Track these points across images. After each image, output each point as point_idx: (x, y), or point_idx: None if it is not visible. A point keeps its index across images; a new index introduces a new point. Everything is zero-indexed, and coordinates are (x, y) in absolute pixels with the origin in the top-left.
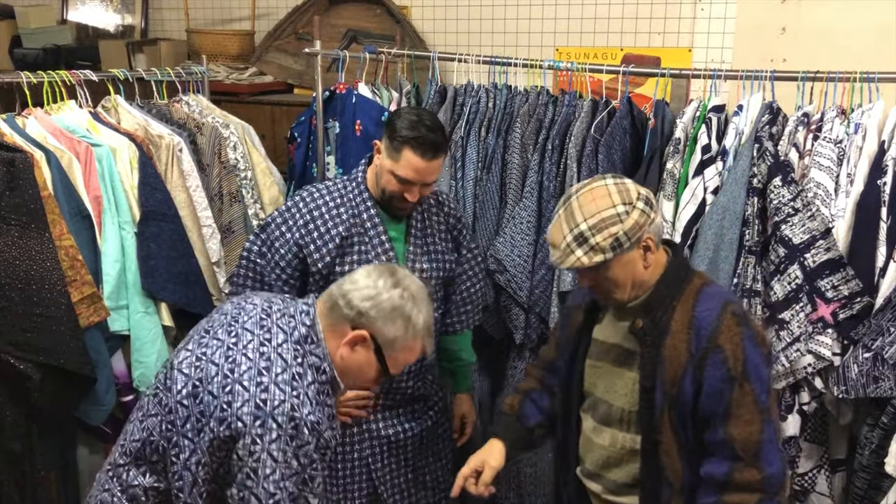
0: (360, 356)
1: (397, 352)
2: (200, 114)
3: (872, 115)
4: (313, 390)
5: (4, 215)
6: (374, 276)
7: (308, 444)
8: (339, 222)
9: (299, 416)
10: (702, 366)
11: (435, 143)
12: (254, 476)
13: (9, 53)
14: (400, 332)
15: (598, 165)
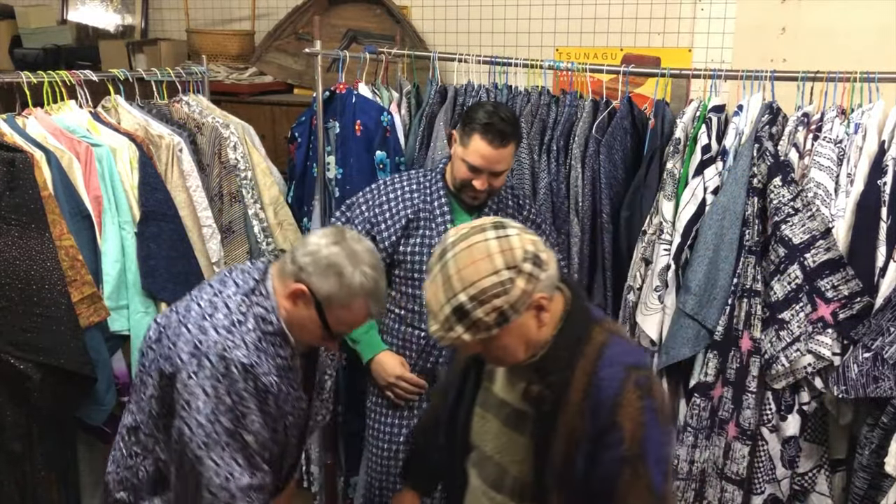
0: (301, 311)
1: (334, 309)
2: (200, 114)
3: (872, 115)
4: (252, 337)
5: (4, 215)
6: (320, 234)
7: (238, 383)
8: (410, 205)
9: (230, 357)
10: (598, 444)
11: (503, 131)
12: (187, 408)
13: (9, 53)
14: (334, 289)
15: (599, 165)
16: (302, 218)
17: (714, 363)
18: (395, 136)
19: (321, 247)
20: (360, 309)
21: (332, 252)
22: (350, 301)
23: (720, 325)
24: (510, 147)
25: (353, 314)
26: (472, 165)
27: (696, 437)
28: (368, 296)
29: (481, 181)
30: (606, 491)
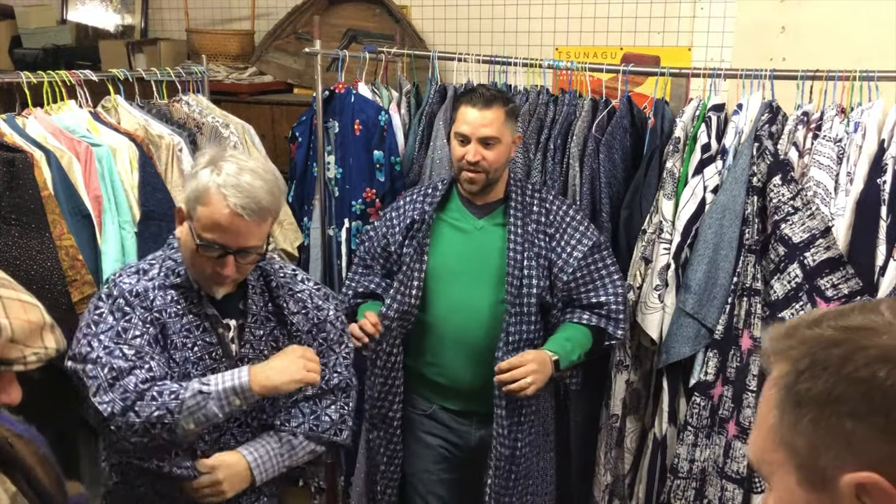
0: (183, 231)
1: (196, 212)
2: (200, 114)
3: (872, 113)
4: (152, 282)
5: (4, 215)
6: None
7: (119, 300)
8: (414, 209)
9: (117, 281)
10: None
11: (484, 94)
12: (80, 323)
13: (9, 53)
14: (189, 190)
15: (599, 165)
16: (302, 217)
17: (714, 362)
18: (392, 136)
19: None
20: (217, 202)
21: (196, 162)
22: (203, 196)
23: (720, 323)
24: (496, 111)
25: (209, 210)
26: (460, 134)
27: (697, 436)
28: (221, 187)
29: (472, 151)
30: None
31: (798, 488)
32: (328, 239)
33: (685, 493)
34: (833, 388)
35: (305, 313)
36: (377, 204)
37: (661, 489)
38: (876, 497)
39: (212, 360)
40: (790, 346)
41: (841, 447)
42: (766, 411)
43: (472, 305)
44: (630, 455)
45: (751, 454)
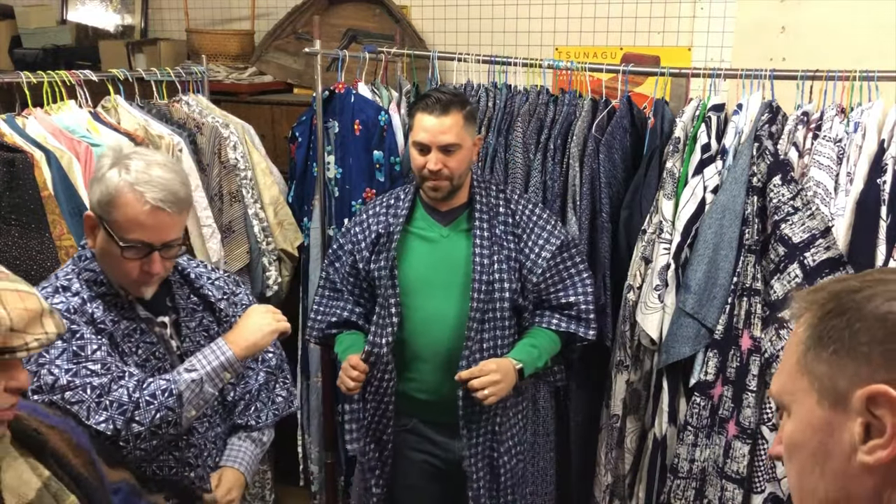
0: (98, 240)
1: (111, 214)
2: (200, 114)
3: (872, 113)
4: (78, 296)
5: (4, 215)
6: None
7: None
8: (378, 222)
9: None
10: None
11: (440, 99)
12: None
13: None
14: (98, 193)
15: (599, 165)
16: (302, 217)
17: (714, 362)
18: (391, 136)
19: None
20: (133, 201)
21: (98, 164)
22: (116, 195)
23: (720, 323)
24: (454, 116)
25: (126, 210)
26: (419, 143)
27: (697, 436)
28: (134, 184)
29: (433, 159)
30: None
31: (817, 407)
32: (328, 239)
33: (685, 493)
34: (854, 323)
35: (227, 298)
36: None
37: (662, 489)
38: (882, 405)
39: (157, 359)
40: (818, 296)
41: (856, 369)
42: (793, 348)
43: (445, 316)
44: (630, 455)
45: (774, 389)
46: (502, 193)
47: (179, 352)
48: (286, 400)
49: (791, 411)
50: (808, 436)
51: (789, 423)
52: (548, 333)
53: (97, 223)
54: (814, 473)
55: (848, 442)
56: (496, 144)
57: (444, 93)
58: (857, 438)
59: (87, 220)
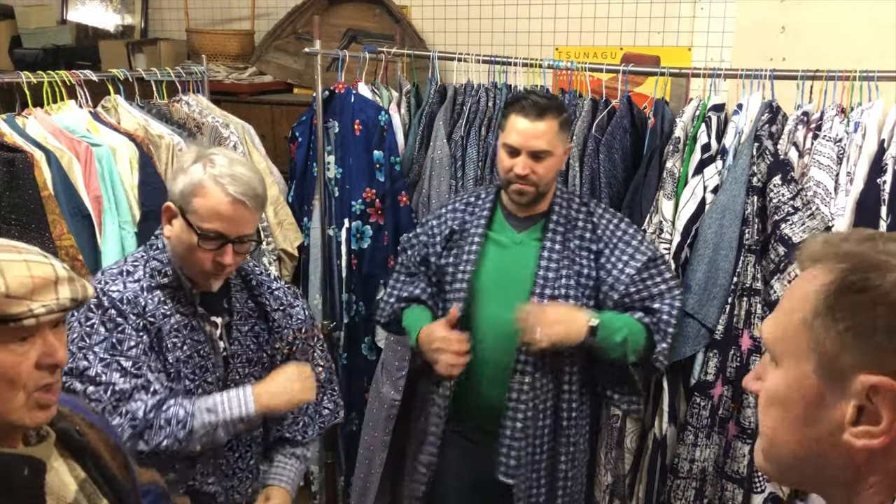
0: (175, 229)
1: (191, 205)
2: (200, 114)
3: (872, 113)
4: (138, 283)
5: (4, 215)
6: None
7: (110, 310)
8: (455, 218)
9: (105, 290)
10: None
11: (537, 103)
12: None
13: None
14: (181, 184)
15: (599, 165)
16: (302, 217)
17: (714, 362)
18: (391, 136)
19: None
20: (214, 191)
21: (183, 160)
22: (200, 189)
23: (720, 323)
24: (549, 122)
25: (208, 200)
26: (510, 146)
27: (697, 436)
28: (218, 178)
29: (522, 164)
30: None
31: (813, 375)
32: (328, 239)
33: (685, 493)
34: (873, 307)
35: (283, 310)
36: (377, 204)
37: (662, 489)
38: (885, 397)
39: (200, 357)
40: (837, 256)
41: (866, 353)
42: (799, 303)
43: (502, 324)
44: (630, 455)
45: (767, 331)
46: (584, 206)
47: (225, 353)
48: (332, 412)
49: (781, 364)
50: (795, 398)
51: (776, 374)
52: (633, 320)
53: (176, 213)
54: (790, 432)
55: (836, 418)
56: (496, 144)
57: (541, 96)
58: (848, 419)
59: (166, 211)
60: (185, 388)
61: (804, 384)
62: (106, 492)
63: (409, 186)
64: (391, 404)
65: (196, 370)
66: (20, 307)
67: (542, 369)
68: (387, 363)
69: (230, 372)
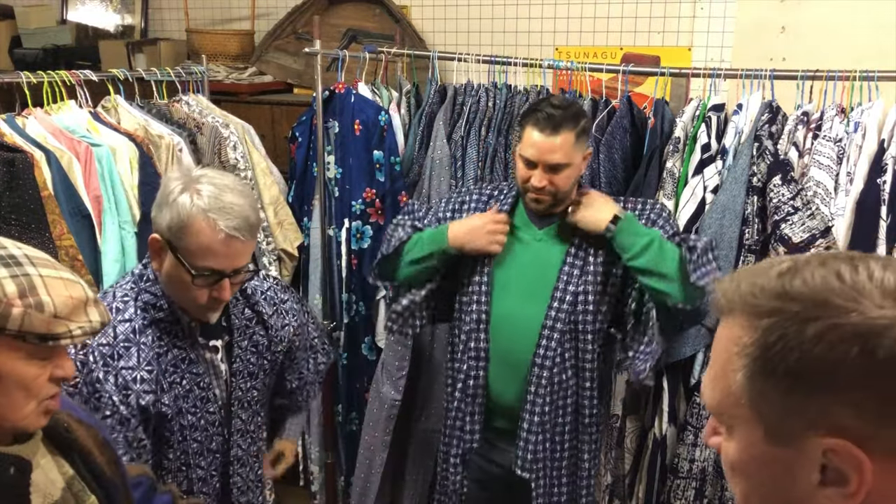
0: (166, 264)
1: (181, 239)
2: (200, 114)
3: (872, 113)
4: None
5: (4, 215)
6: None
7: (93, 373)
8: (478, 209)
9: (91, 344)
10: None
11: (552, 115)
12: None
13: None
14: (168, 217)
15: (599, 165)
16: (302, 217)
17: None
18: (391, 136)
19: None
20: (205, 228)
21: (167, 186)
22: (188, 223)
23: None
24: (565, 135)
25: (199, 238)
26: (526, 159)
27: (697, 436)
28: (207, 211)
29: (538, 177)
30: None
31: (763, 443)
32: (328, 239)
33: (685, 492)
34: (806, 365)
35: (275, 309)
36: (377, 204)
37: (661, 489)
38: (843, 459)
39: (200, 389)
40: (751, 308)
41: (812, 416)
42: (728, 366)
43: (519, 321)
44: (630, 455)
45: (706, 397)
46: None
47: (226, 375)
48: (326, 363)
49: (732, 431)
50: (754, 468)
51: (731, 444)
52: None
53: (165, 247)
54: (764, 501)
55: (804, 482)
56: (496, 144)
57: (557, 107)
58: (815, 483)
59: (153, 244)
60: (189, 422)
61: (759, 453)
62: (94, 488)
63: (409, 186)
64: (391, 404)
65: (197, 403)
66: (62, 328)
67: (562, 364)
68: (387, 363)
69: (234, 390)
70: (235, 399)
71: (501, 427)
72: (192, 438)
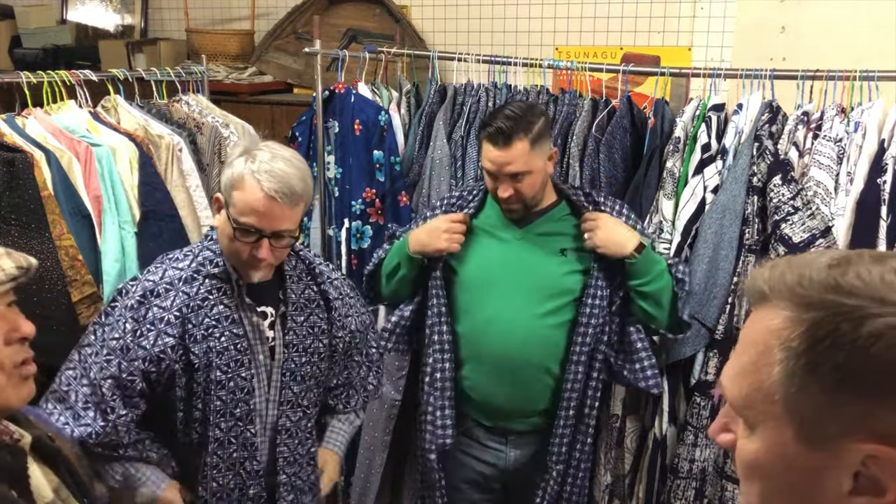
0: (221, 218)
1: (232, 197)
2: (200, 113)
3: (872, 113)
4: (180, 274)
5: (4, 215)
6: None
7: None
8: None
9: (143, 277)
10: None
11: (502, 128)
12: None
13: (9, 53)
14: (224, 178)
15: (599, 165)
16: (302, 217)
17: (714, 362)
18: (391, 136)
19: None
20: (251, 187)
21: (232, 153)
22: (238, 183)
23: (720, 323)
24: (518, 145)
25: (244, 194)
26: (488, 171)
27: (697, 436)
28: (255, 173)
29: (503, 188)
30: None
31: (794, 443)
32: (328, 239)
33: (685, 493)
34: (858, 365)
35: (341, 299)
36: (377, 204)
37: (661, 489)
38: (884, 467)
39: (237, 351)
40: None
41: (853, 418)
42: (760, 364)
43: (505, 320)
44: (630, 455)
45: (731, 391)
46: (589, 196)
47: (273, 343)
48: (375, 388)
49: (755, 428)
50: (779, 469)
51: (752, 441)
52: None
53: (221, 204)
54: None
55: (833, 489)
56: None
57: (507, 117)
58: (846, 490)
59: (216, 202)
60: (216, 378)
61: (788, 454)
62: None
63: (409, 186)
64: (391, 404)
65: (231, 363)
66: None
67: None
68: (387, 363)
69: (286, 361)
70: (287, 370)
71: (492, 426)
72: (217, 396)
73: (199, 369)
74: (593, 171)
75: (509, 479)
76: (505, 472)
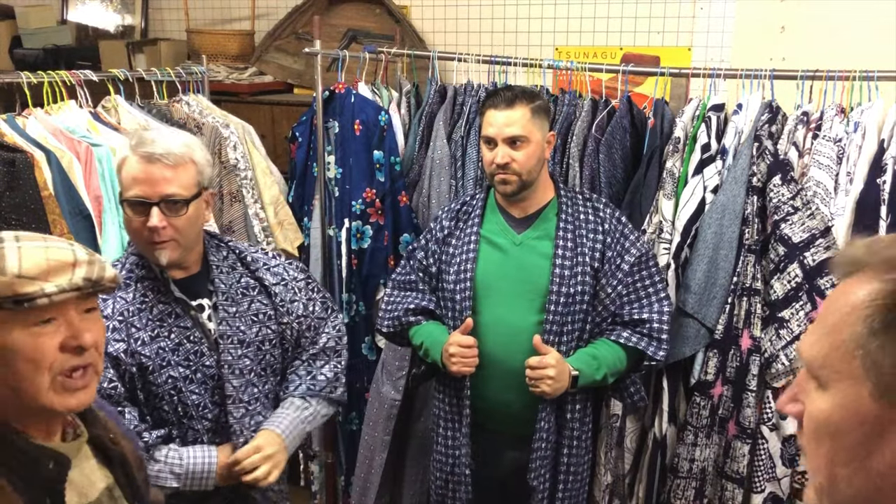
0: (123, 214)
1: (120, 182)
2: (200, 114)
3: (872, 113)
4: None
5: (4, 215)
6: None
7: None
8: (451, 217)
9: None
10: None
11: (507, 95)
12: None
13: (9, 53)
14: (116, 165)
15: (599, 165)
16: (302, 217)
17: (714, 362)
18: (391, 136)
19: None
20: (129, 161)
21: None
22: (121, 163)
23: (720, 323)
24: (520, 108)
25: (125, 169)
26: (486, 137)
27: (697, 436)
28: (132, 148)
29: (500, 154)
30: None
31: (869, 399)
32: (328, 239)
33: (685, 492)
34: None
35: (285, 284)
36: (377, 204)
37: (661, 489)
38: None
39: (190, 343)
40: (886, 264)
41: None
42: (847, 318)
43: (509, 326)
44: (630, 455)
45: (808, 352)
46: (589, 202)
47: (215, 335)
48: (329, 382)
49: (829, 388)
50: (852, 426)
51: (824, 399)
52: (613, 347)
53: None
54: (849, 466)
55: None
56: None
57: (511, 88)
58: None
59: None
60: (182, 374)
61: (861, 410)
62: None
63: (409, 186)
64: (392, 404)
65: (190, 356)
66: (32, 287)
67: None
68: (387, 363)
69: (223, 353)
70: (224, 363)
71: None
72: (189, 391)
73: (154, 371)
74: (593, 171)
75: (508, 481)
76: (511, 476)
